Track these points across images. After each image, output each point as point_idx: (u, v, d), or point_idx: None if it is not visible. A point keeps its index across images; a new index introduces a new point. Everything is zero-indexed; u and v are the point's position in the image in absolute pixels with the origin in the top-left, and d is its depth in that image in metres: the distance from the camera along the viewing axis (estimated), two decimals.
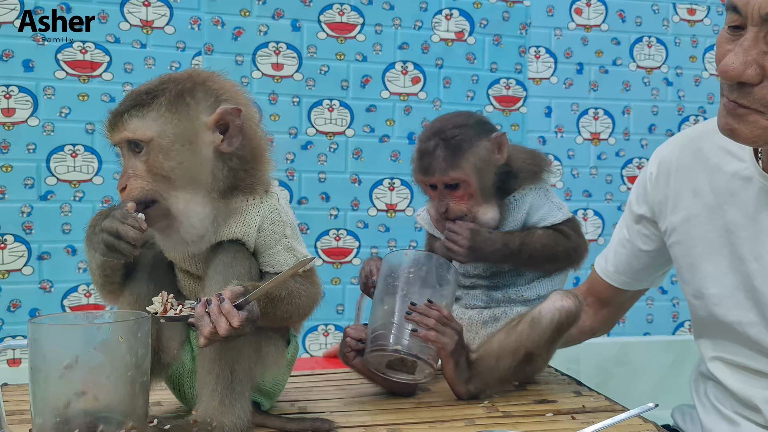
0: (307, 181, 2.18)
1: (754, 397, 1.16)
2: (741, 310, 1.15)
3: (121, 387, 0.87)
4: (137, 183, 0.96)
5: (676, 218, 1.24)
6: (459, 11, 2.27)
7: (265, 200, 1.03)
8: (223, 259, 1.01)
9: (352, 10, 2.19)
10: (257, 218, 1.02)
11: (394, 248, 2.24)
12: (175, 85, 0.98)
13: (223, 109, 0.98)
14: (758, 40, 0.98)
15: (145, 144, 0.96)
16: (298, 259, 1.04)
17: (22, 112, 1.97)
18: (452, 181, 1.23)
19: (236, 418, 0.97)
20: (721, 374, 1.22)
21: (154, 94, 0.97)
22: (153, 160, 0.96)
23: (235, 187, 1.01)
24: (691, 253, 1.22)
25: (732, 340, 1.19)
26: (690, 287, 1.24)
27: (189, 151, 0.97)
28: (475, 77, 2.28)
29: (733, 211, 1.16)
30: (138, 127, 0.96)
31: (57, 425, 0.85)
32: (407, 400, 1.20)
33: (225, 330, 0.90)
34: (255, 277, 1.03)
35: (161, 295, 0.96)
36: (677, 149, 1.26)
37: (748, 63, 0.98)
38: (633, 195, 1.35)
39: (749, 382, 1.17)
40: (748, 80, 0.99)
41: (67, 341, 0.87)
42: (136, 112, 0.96)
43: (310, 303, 1.06)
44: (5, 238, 1.97)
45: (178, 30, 2.07)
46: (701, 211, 1.20)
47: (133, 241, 0.93)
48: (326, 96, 2.19)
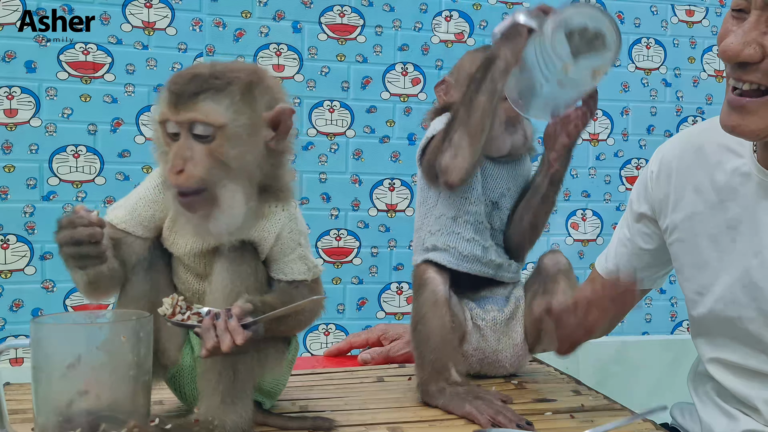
0: (308, 181, 2.19)
1: (753, 398, 1.16)
2: (740, 306, 1.16)
3: (123, 386, 0.87)
4: (195, 169, 0.93)
5: (678, 216, 1.25)
6: (459, 13, 2.27)
7: (286, 208, 1.04)
8: (230, 257, 1.01)
9: (352, 12, 2.20)
10: (278, 225, 1.03)
11: (394, 248, 2.25)
12: (246, 76, 0.97)
13: (282, 108, 0.99)
14: (760, 22, 0.98)
15: (214, 129, 0.94)
16: (309, 268, 1.06)
17: (25, 113, 1.97)
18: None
19: (238, 417, 0.98)
20: (719, 375, 1.22)
21: (227, 80, 0.95)
22: (217, 147, 0.94)
23: (267, 189, 1.02)
24: (694, 251, 1.22)
25: (731, 337, 1.19)
26: (692, 284, 1.24)
27: (252, 143, 0.97)
28: None
29: (733, 208, 1.16)
30: (212, 111, 0.93)
31: (59, 424, 0.85)
32: (407, 400, 1.21)
33: (228, 347, 0.91)
34: (260, 278, 1.03)
35: (171, 298, 0.96)
36: (678, 148, 1.27)
37: (747, 43, 0.99)
38: (634, 194, 1.35)
39: (748, 384, 1.18)
40: (747, 59, 1.00)
41: (69, 341, 0.88)
42: (210, 96, 0.94)
43: (312, 316, 1.07)
44: (8, 238, 1.97)
45: (180, 31, 2.08)
46: (703, 209, 1.21)
47: (92, 239, 0.91)
48: (327, 97, 2.19)
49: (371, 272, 2.24)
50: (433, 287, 1.20)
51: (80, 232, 0.91)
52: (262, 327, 0.96)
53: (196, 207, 0.96)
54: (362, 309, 2.24)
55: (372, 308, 2.25)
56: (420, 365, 1.20)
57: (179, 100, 0.94)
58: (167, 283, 1.07)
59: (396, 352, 1.47)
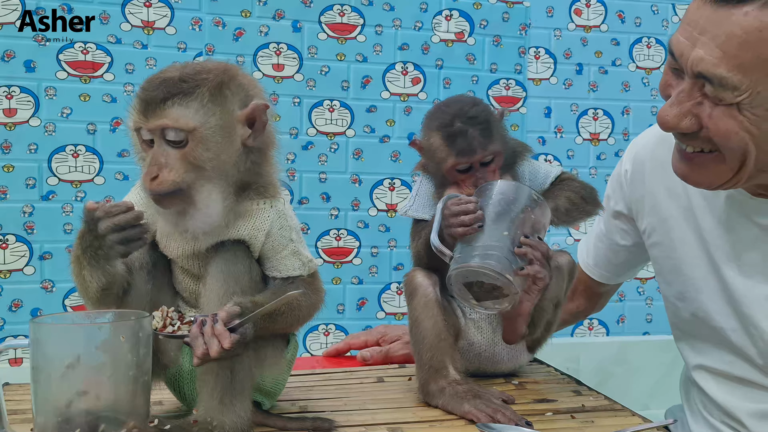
0: (308, 181, 2.18)
1: (738, 410, 1.16)
2: (723, 316, 1.16)
3: (123, 386, 0.87)
4: (170, 174, 0.94)
5: (654, 219, 1.24)
6: (459, 12, 2.27)
7: (274, 204, 1.04)
8: (223, 257, 1.01)
9: (352, 11, 2.19)
10: (267, 222, 1.03)
11: (394, 248, 2.25)
12: (215, 76, 0.97)
13: (256, 104, 0.99)
14: (693, 90, 0.98)
15: (185, 133, 0.94)
16: (304, 264, 1.05)
17: (24, 113, 1.97)
18: (490, 156, 1.22)
19: (237, 418, 0.98)
20: (704, 383, 1.22)
21: (195, 83, 0.95)
22: (191, 150, 0.95)
23: (248, 187, 1.02)
24: (672, 255, 1.22)
25: (715, 344, 1.19)
26: (673, 289, 1.23)
27: (225, 144, 0.97)
28: (475, 78, 2.28)
29: (704, 216, 1.16)
30: (181, 116, 0.94)
31: (58, 425, 0.85)
32: (407, 400, 1.20)
33: (216, 352, 0.91)
34: (255, 277, 1.03)
35: (161, 310, 0.96)
36: (651, 145, 1.26)
37: (683, 114, 0.99)
38: (609, 190, 1.35)
39: (733, 393, 1.17)
40: (684, 131, 1.00)
41: (68, 341, 0.88)
42: (178, 101, 0.94)
43: (311, 311, 1.07)
44: (7, 238, 1.97)
45: (180, 31, 2.07)
46: (677, 213, 1.20)
47: (137, 221, 0.93)
48: (327, 96, 2.19)
49: (371, 272, 2.24)
50: (423, 291, 1.21)
51: (125, 218, 0.93)
52: (250, 328, 0.95)
53: (169, 204, 0.96)
54: (362, 309, 2.24)
55: (372, 308, 2.24)
56: (419, 366, 1.20)
57: (148, 108, 0.94)
58: (168, 286, 1.07)
59: (395, 352, 1.47)
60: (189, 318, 0.97)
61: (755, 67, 0.92)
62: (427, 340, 1.18)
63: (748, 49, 0.92)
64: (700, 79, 0.96)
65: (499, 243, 1.10)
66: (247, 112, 0.99)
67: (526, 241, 1.11)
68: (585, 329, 2.42)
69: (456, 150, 1.21)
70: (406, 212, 1.29)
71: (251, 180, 1.03)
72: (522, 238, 1.11)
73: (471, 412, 1.10)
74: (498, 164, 1.23)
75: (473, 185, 1.21)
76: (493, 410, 1.09)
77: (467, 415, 1.11)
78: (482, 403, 1.11)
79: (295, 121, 2.17)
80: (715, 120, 0.97)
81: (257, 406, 1.07)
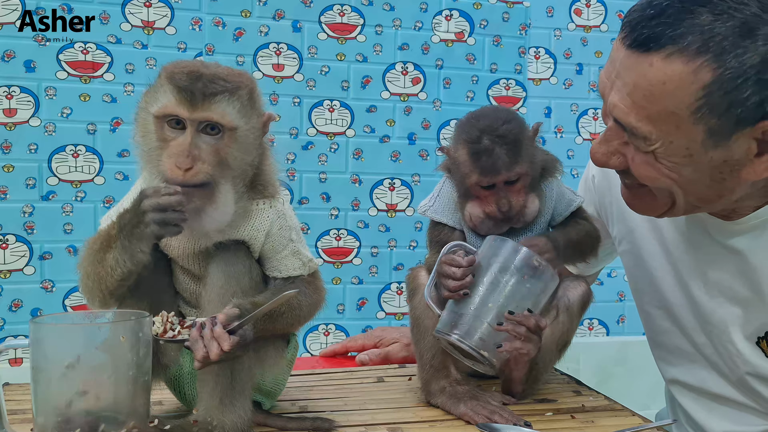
0: (308, 181, 2.18)
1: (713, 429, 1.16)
2: (695, 332, 1.16)
3: (123, 386, 0.87)
4: (203, 167, 0.95)
5: (623, 227, 1.25)
6: (459, 12, 2.27)
7: (274, 204, 1.04)
8: (224, 258, 1.01)
9: (352, 11, 2.19)
10: (266, 223, 1.03)
11: (394, 248, 2.25)
12: (249, 81, 1.02)
13: (270, 115, 1.04)
14: (619, 130, 0.99)
15: (226, 130, 0.97)
16: (304, 263, 1.06)
17: (24, 113, 1.97)
18: (516, 177, 1.16)
19: (237, 418, 0.98)
20: (682, 399, 1.22)
21: (236, 84, 0.98)
22: (226, 147, 0.97)
23: (252, 187, 1.03)
24: (642, 266, 1.22)
25: (689, 358, 1.19)
26: (649, 297, 1.23)
27: (253, 146, 1.01)
28: (475, 78, 2.28)
29: (669, 230, 1.16)
30: (227, 113, 0.96)
31: (58, 425, 0.85)
32: (407, 400, 1.20)
33: (216, 355, 0.92)
34: (255, 277, 1.03)
35: (161, 315, 0.97)
36: None
37: (611, 153, 1.01)
38: (580, 191, 1.34)
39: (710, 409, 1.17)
40: (614, 168, 1.02)
41: (68, 341, 0.88)
42: (225, 98, 0.97)
43: (311, 310, 1.07)
44: (7, 238, 1.97)
45: (180, 31, 2.07)
46: (642, 224, 1.21)
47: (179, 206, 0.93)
48: (327, 96, 2.19)
49: (371, 272, 2.24)
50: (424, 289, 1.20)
51: (169, 200, 0.93)
52: (250, 330, 0.95)
53: (197, 197, 0.96)
54: (362, 309, 2.24)
55: (372, 308, 2.24)
56: (421, 365, 1.20)
57: (194, 99, 0.95)
58: (168, 286, 1.07)
59: (394, 354, 1.47)
60: (189, 322, 0.97)
61: (663, 119, 0.92)
62: (428, 339, 1.18)
63: (654, 101, 0.91)
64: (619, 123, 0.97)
65: (481, 317, 1.08)
66: (264, 120, 1.03)
67: (509, 317, 1.08)
68: (585, 329, 2.42)
69: (480, 168, 1.15)
70: (425, 212, 1.25)
71: (254, 179, 1.04)
72: (506, 314, 1.08)
73: (467, 413, 1.10)
74: (524, 183, 1.17)
75: (495, 203, 1.16)
76: (490, 412, 1.09)
77: (463, 417, 1.11)
78: (479, 405, 1.11)
79: (295, 121, 2.17)
80: (637, 165, 0.98)
81: (257, 406, 1.07)
